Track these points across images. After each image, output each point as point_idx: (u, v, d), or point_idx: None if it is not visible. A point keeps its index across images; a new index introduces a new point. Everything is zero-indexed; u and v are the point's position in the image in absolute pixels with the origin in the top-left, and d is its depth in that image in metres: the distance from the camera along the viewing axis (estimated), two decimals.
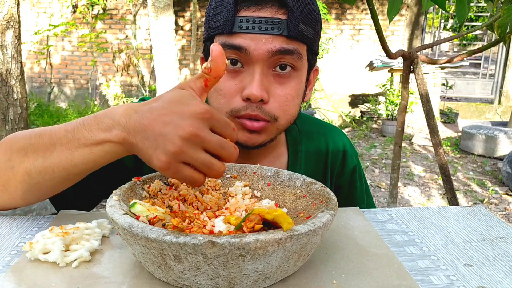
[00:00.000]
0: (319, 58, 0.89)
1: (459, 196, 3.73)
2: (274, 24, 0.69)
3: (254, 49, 0.70)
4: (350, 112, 7.26)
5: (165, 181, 0.63)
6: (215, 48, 0.55)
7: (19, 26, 3.07)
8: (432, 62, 1.86)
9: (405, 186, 4.00)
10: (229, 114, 0.74)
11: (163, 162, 0.50)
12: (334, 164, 0.93)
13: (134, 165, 0.80)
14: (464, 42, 10.89)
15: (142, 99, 0.79)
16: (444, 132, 6.32)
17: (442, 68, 6.16)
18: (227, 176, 0.69)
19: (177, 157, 0.50)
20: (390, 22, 1.45)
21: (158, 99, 0.54)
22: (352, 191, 0.95)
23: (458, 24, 1.50)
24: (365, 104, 7.32)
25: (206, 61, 0.79)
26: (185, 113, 0.51)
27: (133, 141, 0.53)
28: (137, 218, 0.51)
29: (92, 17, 7.12)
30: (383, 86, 6.46)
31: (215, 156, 0.52)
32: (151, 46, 5.21)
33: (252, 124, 0.73)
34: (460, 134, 5.69)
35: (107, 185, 0.77)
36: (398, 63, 5.73)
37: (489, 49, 2.66)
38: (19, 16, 3.06)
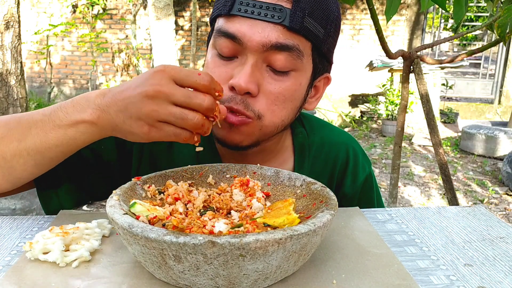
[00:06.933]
0: None
1: (459, 196, 3.73)
2: (275, 11, 0.64)
3: (248, 39, 0.65)
4: (350, 112, 7.26)
5: (159, 189, 0.62)
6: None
7: (19, 26, 3.07)
8: (432, 62, 1.86)
9: (405, 186, 4.00)
10: None
11: (142, 126, 0.54)
12: (342, 174, 0.87)
13: (117, 158, 0.78)
14: (464, 42, 10.88)
15: None
16: (444, 132, 6.32)
17: (442, 68, 6.16)
18: (227, 176, 0.69)
19: (152, 117, 0.53)
20: (387, 22, 1.44)
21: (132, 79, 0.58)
22: (362, 202, 0.88)
23: (456, 25, 1.50)
24: (365, 104, 7.32)
25: (208, 42, 0.76)
26: (146, 77, 0.55)
27: (108, 116, 0.56)
28: (137, 218, 0.51)
29: (92, 17, 7.11)
30: (383, 86, 6.46)
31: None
32: (151, 46, 5.21)
33: (231, 117, 0.67)
34: (460, 134, 5.68)
35: (97, 184, 0.78)
36: (398, 63, 5.72)
37: (489, 49, 2.65)
38: (19, 16, 3.06)
